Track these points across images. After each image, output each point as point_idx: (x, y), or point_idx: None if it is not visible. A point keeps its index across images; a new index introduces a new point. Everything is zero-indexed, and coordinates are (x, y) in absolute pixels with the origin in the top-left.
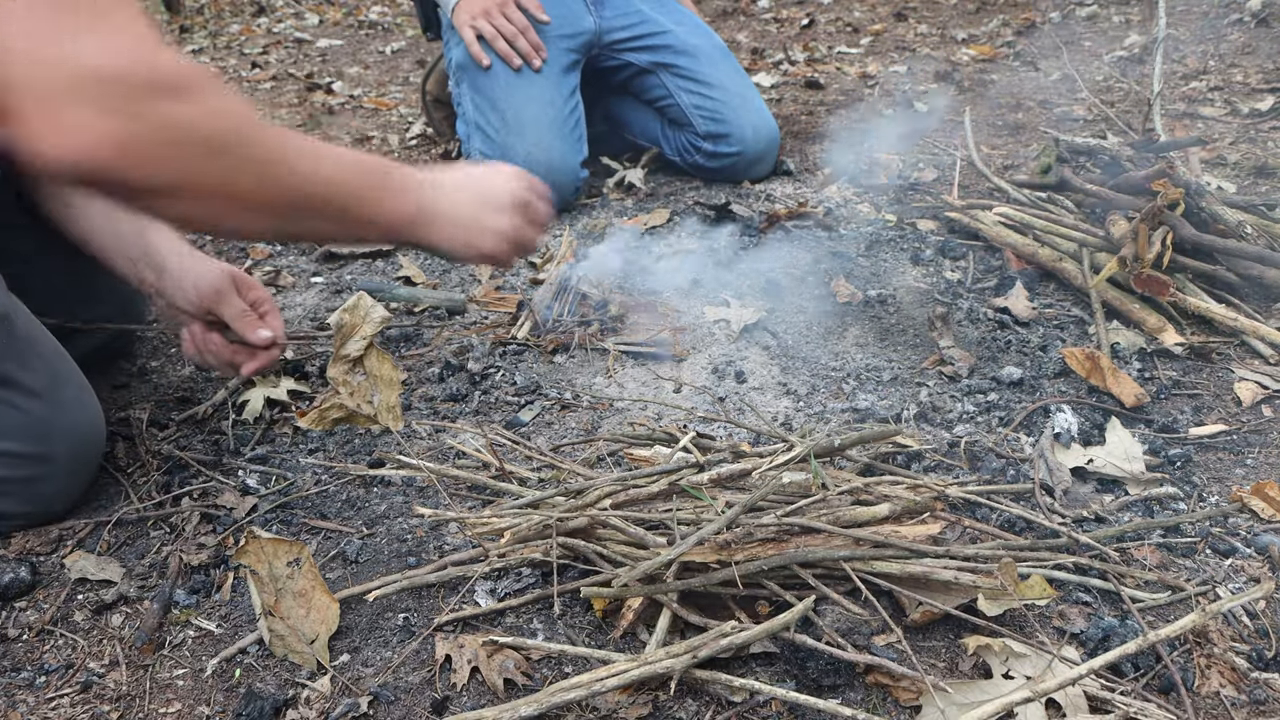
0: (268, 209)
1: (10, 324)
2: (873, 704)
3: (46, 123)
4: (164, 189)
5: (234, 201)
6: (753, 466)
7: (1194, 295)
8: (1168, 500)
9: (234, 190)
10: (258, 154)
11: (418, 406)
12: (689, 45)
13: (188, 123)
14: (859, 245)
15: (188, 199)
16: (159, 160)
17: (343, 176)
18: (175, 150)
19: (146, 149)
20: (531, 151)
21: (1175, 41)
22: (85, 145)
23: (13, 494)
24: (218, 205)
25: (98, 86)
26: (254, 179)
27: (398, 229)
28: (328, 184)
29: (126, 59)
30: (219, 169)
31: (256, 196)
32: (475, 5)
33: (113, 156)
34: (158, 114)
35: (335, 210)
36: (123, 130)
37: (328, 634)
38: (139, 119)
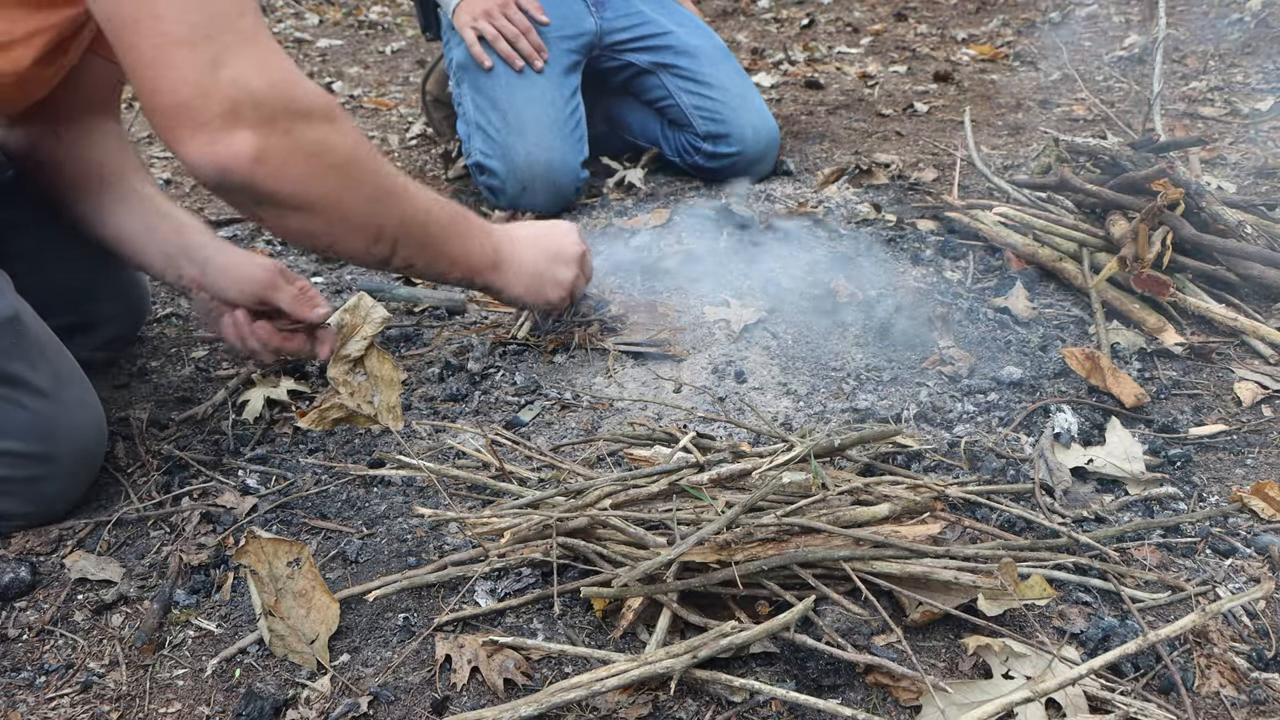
0: (376, 231)
1: (19, 324)
2: (873, 704)
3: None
4: (296, 202)
5: (350, 220)
6: (753, 466)
7: (1194, 295)
8: (1168, 500)
9: (353, 210)
10: (380, 180)
11: (418, 406)
12: (689, 46)
13: (326, 143)
14: (859, 245)
15: (312, 213)
16: (298, 175)
17: (439, 212)
18: (313, 167)
19: (289, 163)
20: (532, 151)
21: (1175, 41)
22: (235, 158)
23: (14, 494)
24: (335, 222)
25: (252, 108)
26: (372, 201)
27: (479, 270)
28: (428, 215)
29: (275, 82)
30: (345, 188)
31: (370, 218)
32: (476, 6)
33: (259, 168)
34: (301, 133)
35: (432, 242)
36: (271, 146)
37: (328, 634)
38: (287, 136)
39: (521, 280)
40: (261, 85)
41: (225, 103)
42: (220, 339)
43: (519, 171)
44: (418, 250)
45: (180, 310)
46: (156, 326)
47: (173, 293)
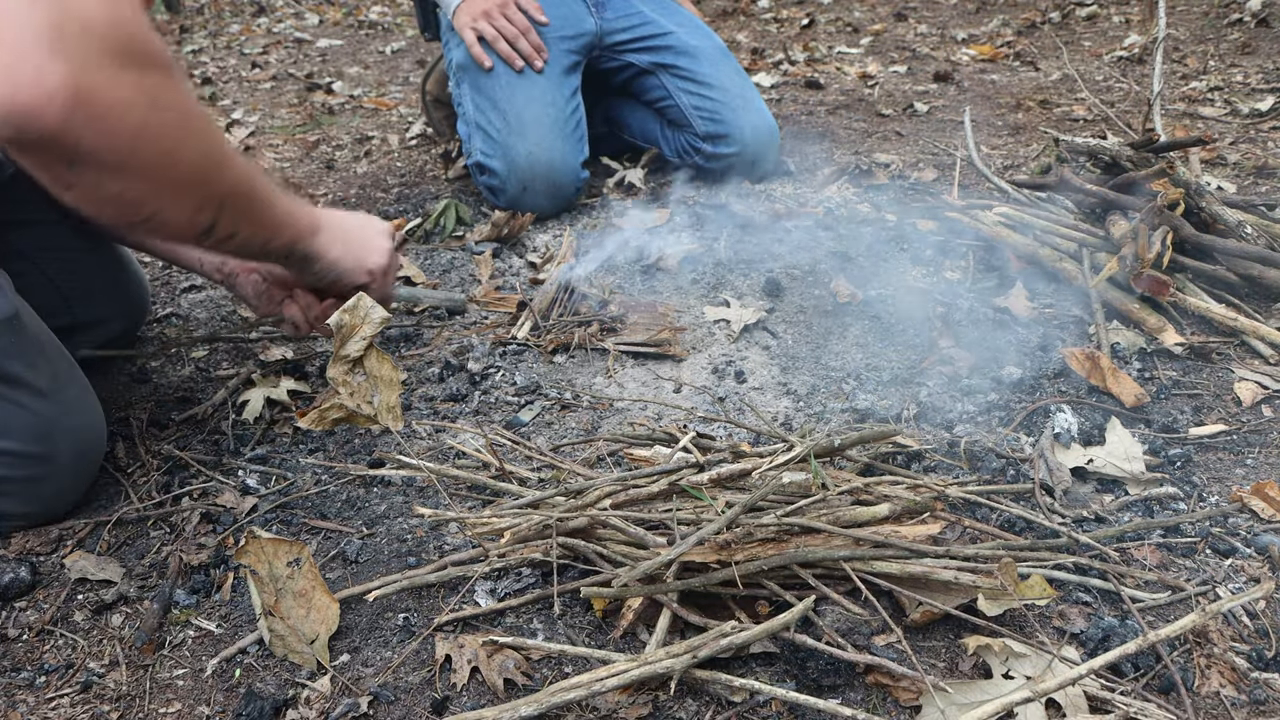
0: (200, 196)
1: (19, 323)
2: (873, 704)
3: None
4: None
5: (175, 183)
6: (753, 466)
7: (1194, 295)
8: (1168, 500)
9: (184, 173)
10: (209, 142)
11: (418, 406)
12: (689, 46)
13: (161, 96)
14: (859, 245)
15: (137, 177)
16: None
17: (262, 175)
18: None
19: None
20: (533, 151)
21: (1175, 41)
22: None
23: (14, 494)
24: (162, 187)
25: (77, 37)
26: (202, 164)
27: (301, 235)
28: (253, 180)
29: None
30: (178, 147)
31: (200, 183)
32: (476, 7)
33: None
34: (135, 80)
35: (257, 208)
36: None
37: (328, 634)
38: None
39: (338, 243)
40: (98, 13)
41: (43, 20)
42: (275, 319)
43: (520, 171)
44: (242, 218)
45: (180, 310)
46: (156, 326)
47: (172, 293)
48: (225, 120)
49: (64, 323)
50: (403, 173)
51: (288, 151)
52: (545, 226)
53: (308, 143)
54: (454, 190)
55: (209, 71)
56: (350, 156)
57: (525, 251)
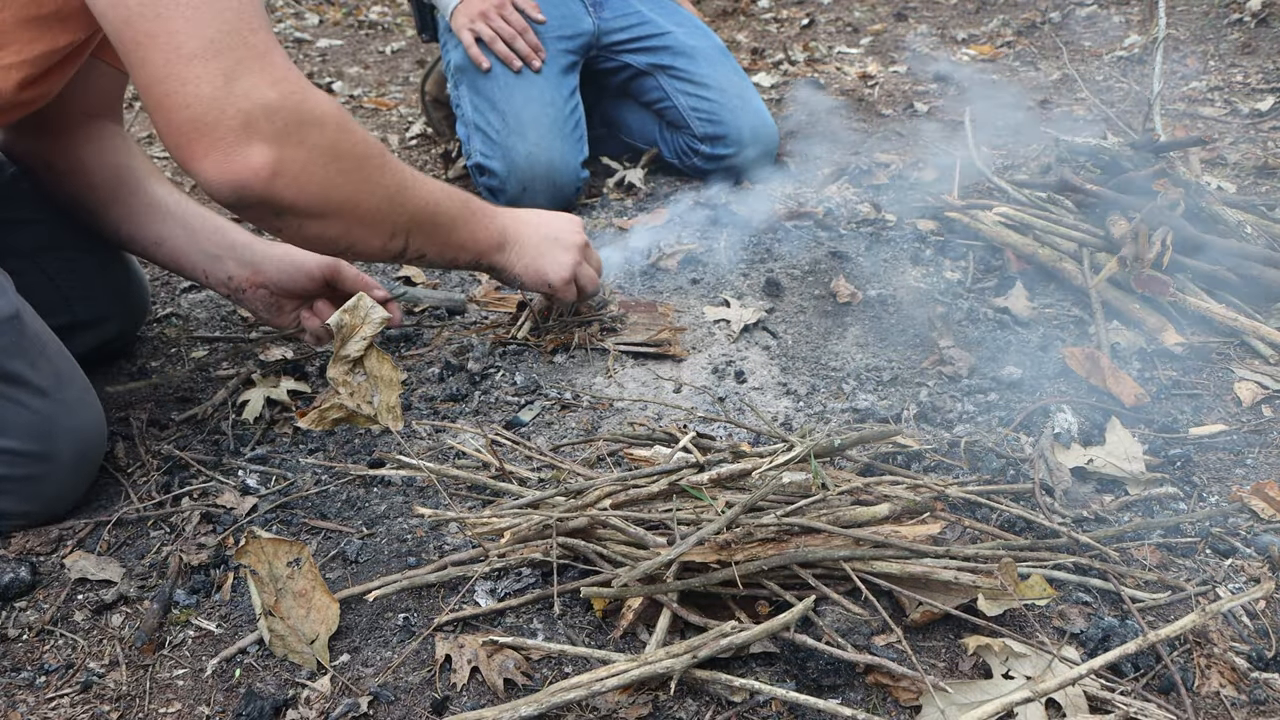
0: (391, 228)
1: (20, 323)
2: (873, 704)
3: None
4: (315, 210)
5: (366, 222)
6: (753, 466)
7: (1194, 295)
8: (1168, 500)
9: (369, 211)
10: (391, 179)
11: (418, 406)
12: (687, 46)
13: (339, 150)
14: (859, 245)
15: (331, 219)
16: (315, 184)
17: (446, 200)
18: (329, 174)
19: (305, 173)
20: (533, 152)
21: (1175, 41)
22: (252, 172)
23: (14, 493)
24: (352, 225)
25: (265, 121)
26: (386, 201)
27: (485, 252)
28: (437, 207)
29: (286, 94)
30: (360, 191)
31: (385, 216)
32: (473, 8)
33: (276, 180)
34: (315, 142)
35: (442, 232)
36: (287, 157)
37: (328, 634)
38: (301, 146)
39: (522, 259)
40: (274, 97)
41: (239, 117)
42: (289, 330)
43: (520, 172)
44: (429, 241)
45: (180, 310)
46: (156, 326)
47: (172, 293)
48: None
49: (64, 322)
50: None
51: None
52: None
53: None
54: None
55: None
56: None
57: None
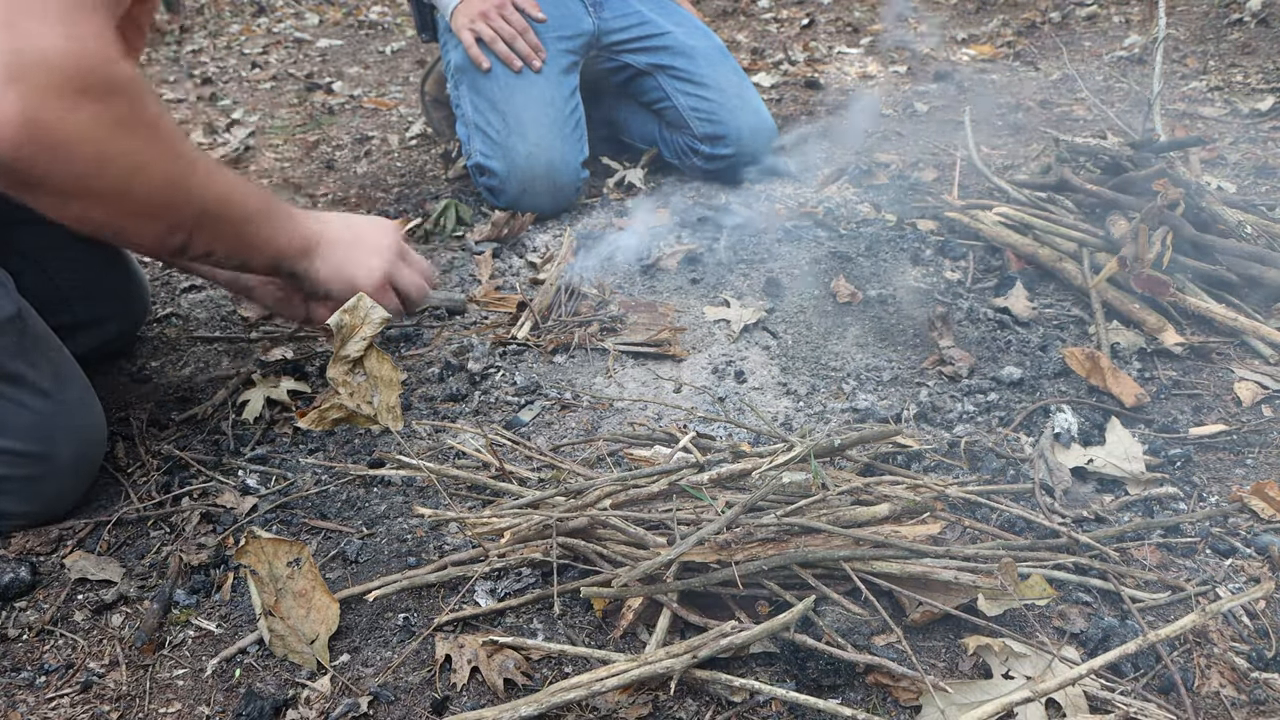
0: (170, 220)
1: (21, 323)
2: (873, 704)
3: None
4: (72, 188)
5: (141, 211)
6: (753, 466)
7: (1194, 295)
8: (1168, 500)
9: (144, 200)
10: (177, 169)
11: (418, 406)
12: (687, 46)
13: (124, 126)
14: (859, 245)
15: (92, 200)
16: (77, 159)
17: (242, 197)
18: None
19: (66, 144)
20: (533, 152)
21: (1175, 41)
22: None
23: (14, 493)
24: (122, 213)
25: (33, 69)
26: (167, 191)
27: (288, 257)
28: (228, 204)
29: (78, 49)
30: (136, 177)
31: (164, 209)
32: (473, 8)
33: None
34: (91, 111)
35: (234, 231)
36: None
37: (328, 634)
38: (71, 112)
39: (327, 263)
40: (57, 45)
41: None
42: (304, 323)
43: (520, 172)
44: (217, 239)
45: (180, 310)
46: (156, 326)
47: (172, 293)
48: (225, 120)
49: (64, 322)
50: (403, 173)
51: (288, 151)
52: (545, 226)
53: (308, 143)
54: (454, 190)
55: (209, 71)
56: (350, 156)
57: (525, 251)
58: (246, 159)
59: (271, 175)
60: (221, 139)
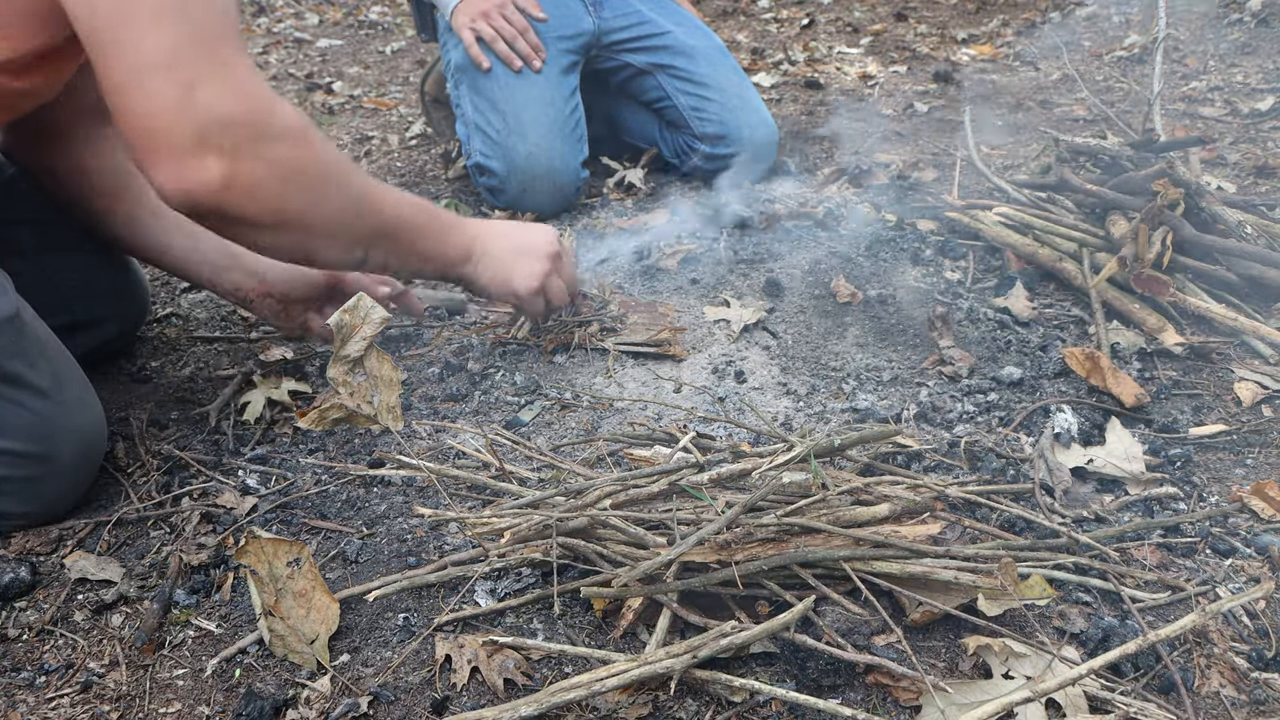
0: (348, 239)
1: (20, 323)
2: (873, 704)
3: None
4: (267, 222)
5: (322, 235)
6: (753, 466)
7: (1194, 295)
8: (1168, 500)
9: (324, 225)
10: (350, 195)
11: (418, 406)
12: (687, 46)
13: (296, 166)
14: (859, 245)
15: (284, 231)
16: (266, 199)
17: (410, 212)
18: (282, 190)
19: (257, 188)
20: (533, 152)
21: (1175, 41)
22: (204, 184)
23: (14, 493)
24: (307, 238)
25: (221, 134)
26: (342, 215)
27: (452, 264)
28: (400, 220)
29: (247, 108)
30: (315, 206)
31: (342, 230)
32: (474, 7)
33: (226, 194)
34: (271, 157)
35: (405, 245)
36: (240, 171)
37: (328, 634)
38: (256, 161)
39: (488, 271)
40: (233, 110)
41: (195, 128)
42: (301, 334)
43: (520, 172)
44: (391, 253)
45: (180, 310)
46: (156, 326)
47: (172, 293)
48: None
49: (64, 322)
50: (403, 173)
51: None
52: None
53: None
54: (454, 190)
55: None
56: (350, 156)
57: None
58: None
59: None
60: None
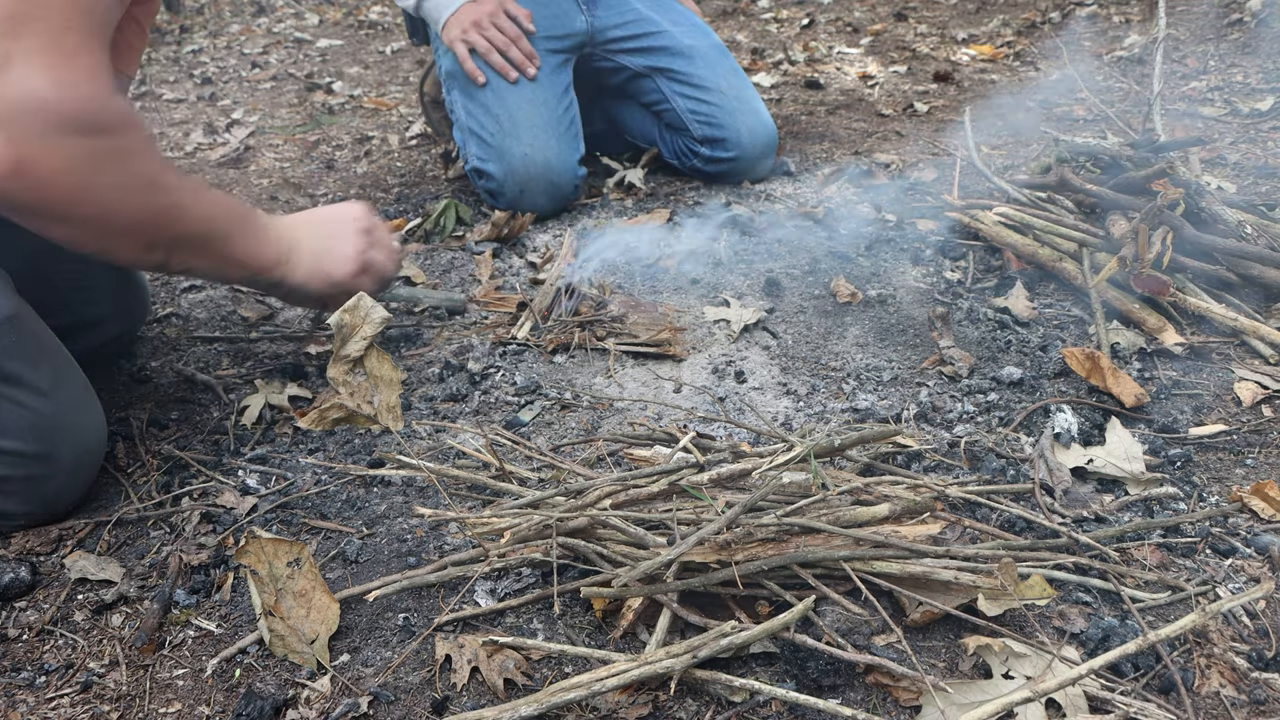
0: (146, 241)
1: (20, 323)
2: (873, 704)
3: None
4: (53, 214)
5: (119, 234)
6: (753, 466)
7: (1194, 295)
8: (1168, 500)
9: (121, 224)
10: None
11: (418, 406)
12: (684, 47)
13: (96, 159)
14: (859, 245)
15: (76, 226)
16: (58, 191)
17: (221, 218)
18: (77, 183)
19: (49, 180)
20: (528, 153)
21: (1175, 41)
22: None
23: (15, 493)
24: (102, 236)
25: (22, 113)
26: (144, 216)
27: (266, 268)
28: (208, 223)
29: (66, 98)
30: (114, 204)
31: (141, 230)
32: (465, 18)
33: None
34: (71, 149)
35: (212, 248)
36: (30, 158)
37: (328, 634)
38: (54, 151)
39: (303, 265)
40: (47, 95)
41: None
42: (310, 317)
43: (516, 174)
44: (196, 255)
45: (180, 310)
46: (156, 326)
47: (172, 293)
48: (225, 120)
49: (64, 322)
50: (403, 173)
51: (288, 151)
52: (545, 226)
53: (308, 143)
54: (454, 190)
55: (209, 71)
56: (350, 156)
57: (525, 251)
58: (246, 159)
59: (271, 175)
60: (221, 139)
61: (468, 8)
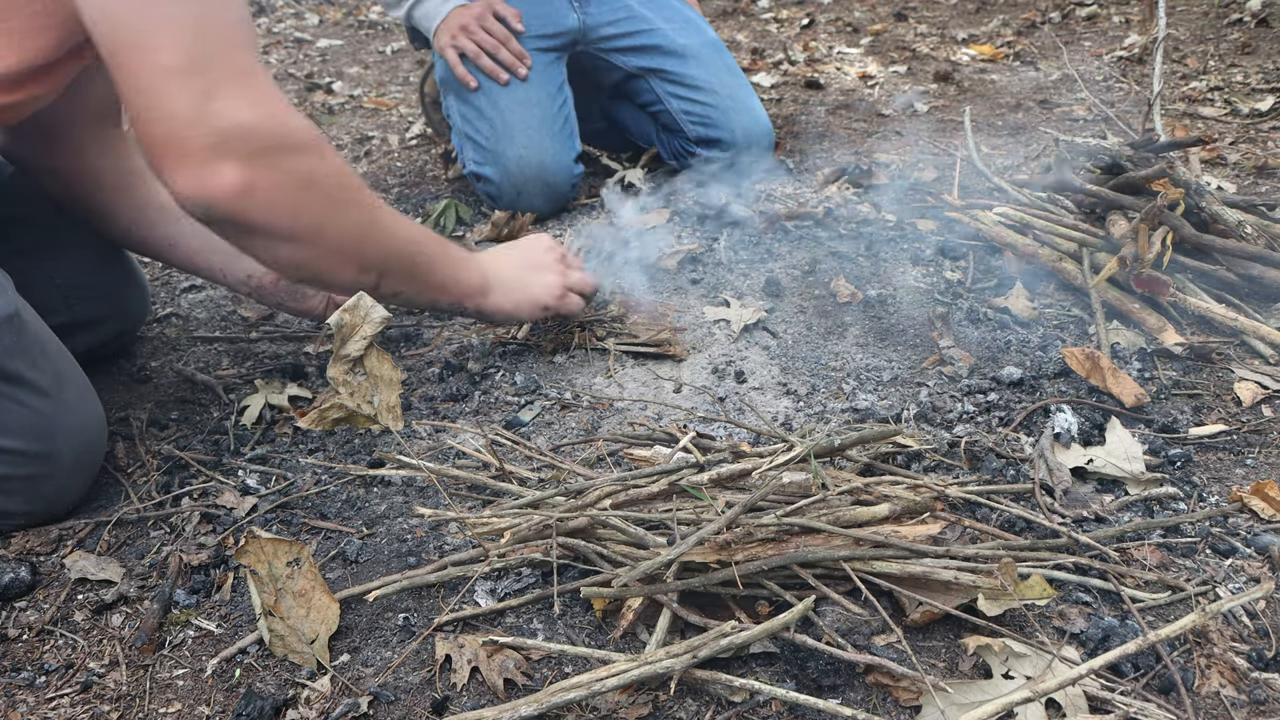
0: (360, 260)
1: (20, 322)
2: (873, 704)
3: (191, 173)
4: (283, 233)
5: (336, 251)
6: (753, 466)
7: (1194, 295)
8: (1168, 500)
9: (339, 240)
10: (363, 212)
11: (418, 406)
12: (677, 46)
13: (313, 176)
14: (859, 245)
15: (300, 244)
16: (284, 207)
17: (426, 241)
18: (300, 199)
19: (275, 196)
20: (523, 155)
21: (1175, 41)
22: (222, 191)
23: (15, 493)
24: (321, 252)
25: (239, 141)
26: (357, 230)
27: (468, 295)
28: (414, 245)
29: (264, 116)
30: (331, 219)
31: (356, 247)
32: (453, 23)
33: (244, 201)
34: (289, 166)
35: (419, 272)
36: (258, 179)
37: (328, 634)
38: (274, 169)
39: (510, 296)
40: (251, 118)
41: (213, 135)
42: (318, 318)
43: (512, 176)
44: (405, 279)
45: (180, 310)
46: (156, 326)
47: (172, 293)
48: None
49: (64, 322)
50: (403, 173)
51: None
52: (545, 226)
53: None
54: (454, 190)
55: None
56: (350, 156)
57: None
58: None
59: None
60: None
61: (456, 13)
